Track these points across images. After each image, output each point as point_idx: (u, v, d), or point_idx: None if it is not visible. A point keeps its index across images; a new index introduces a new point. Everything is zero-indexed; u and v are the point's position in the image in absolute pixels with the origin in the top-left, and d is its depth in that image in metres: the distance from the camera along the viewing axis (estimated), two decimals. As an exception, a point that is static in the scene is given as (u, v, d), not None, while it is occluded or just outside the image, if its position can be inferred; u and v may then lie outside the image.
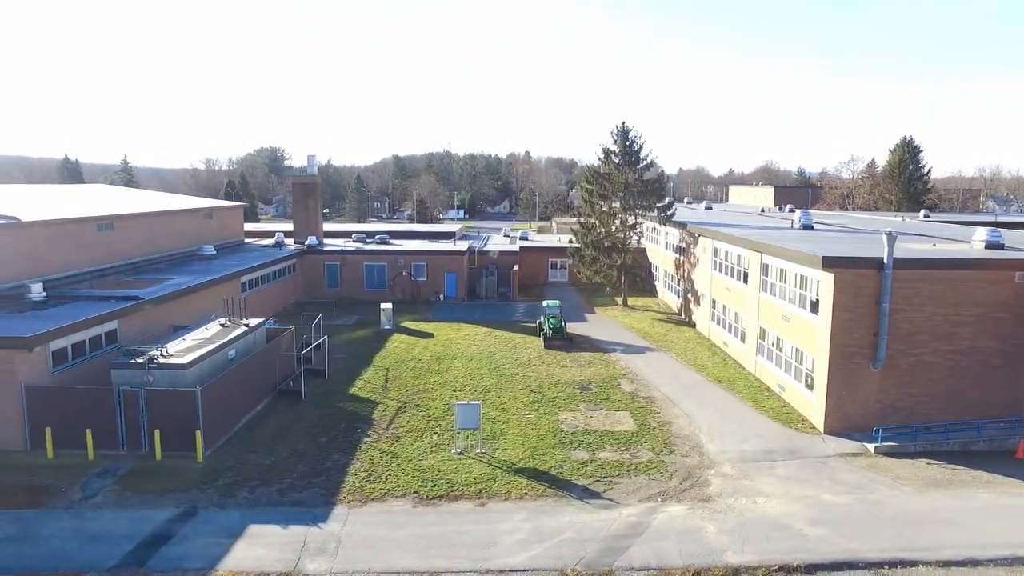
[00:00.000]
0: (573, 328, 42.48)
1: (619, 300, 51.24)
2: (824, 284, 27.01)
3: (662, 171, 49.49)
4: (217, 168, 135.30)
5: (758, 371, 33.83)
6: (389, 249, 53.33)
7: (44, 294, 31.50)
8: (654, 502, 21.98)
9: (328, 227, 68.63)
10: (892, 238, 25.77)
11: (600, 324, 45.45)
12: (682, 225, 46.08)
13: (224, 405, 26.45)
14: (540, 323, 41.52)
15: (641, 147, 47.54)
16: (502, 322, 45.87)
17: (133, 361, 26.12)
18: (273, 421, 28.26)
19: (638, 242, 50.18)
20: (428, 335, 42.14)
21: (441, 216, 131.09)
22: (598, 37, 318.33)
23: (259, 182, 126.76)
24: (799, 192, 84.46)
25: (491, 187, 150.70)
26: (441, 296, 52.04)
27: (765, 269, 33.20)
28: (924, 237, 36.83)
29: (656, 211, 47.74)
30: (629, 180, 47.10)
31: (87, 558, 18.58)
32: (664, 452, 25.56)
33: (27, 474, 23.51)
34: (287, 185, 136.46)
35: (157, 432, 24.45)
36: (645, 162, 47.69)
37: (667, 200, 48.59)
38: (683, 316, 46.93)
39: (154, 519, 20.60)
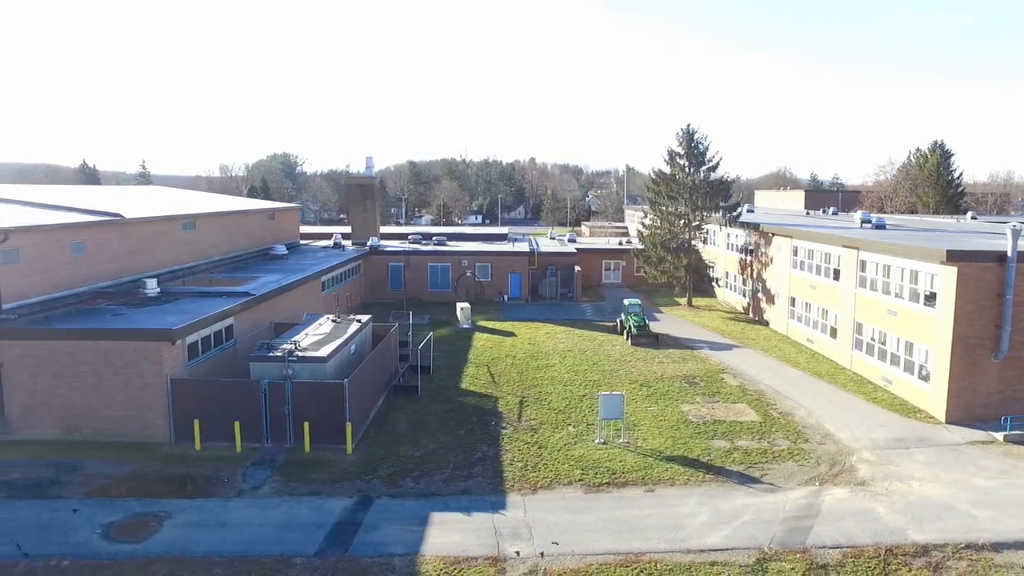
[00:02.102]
0: (649, 326, 43.04)
1: (681, 300, 51.95)
2: (944, 278, 27.77)
3: (728, 174, 50.18)
4: (232, 174, 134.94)
5: (854, 365, 34.53)
6: (453, 250, 53.69)
7: (158, 289, 31.60)
8: (813, 486, 22.50)
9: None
10: (1017, 233, 26.63)
11: (672, 323, 46.04)
12: (753, 226, 46.90)
13: (360, 398, 26.65)
14: (621, 321, 42.03)
15: (707, 149, 48.47)
16: (575, 321, 46.34)
17: (271, 354, 26.34)
18: (401, 415, 28.46)
19: (704, 243, 50.99)
20: (510, 334, 42.48)
21: (460, 221, 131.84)
22: (601, 43, 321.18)
23: (275, 188, 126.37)
24: (830, 196, 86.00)
25: (506, 193, 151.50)
26: (505, 296, 52.41)
27: (862, 265, 33.99)
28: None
29: (721, 212, 48.57)
30: (696, 181, 47.93)
31: (287, 544, 18.74)
32: (800, 440, 26.12)
33: (184, 465, 23.59)
34: (310, 190, 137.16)
35: (306, 424, 24.63)
36: (711, 163, 48.59)
37: (733, 201, 49.45)
38: (752, 315, 47.68)
39: (333, 508, 20.80)
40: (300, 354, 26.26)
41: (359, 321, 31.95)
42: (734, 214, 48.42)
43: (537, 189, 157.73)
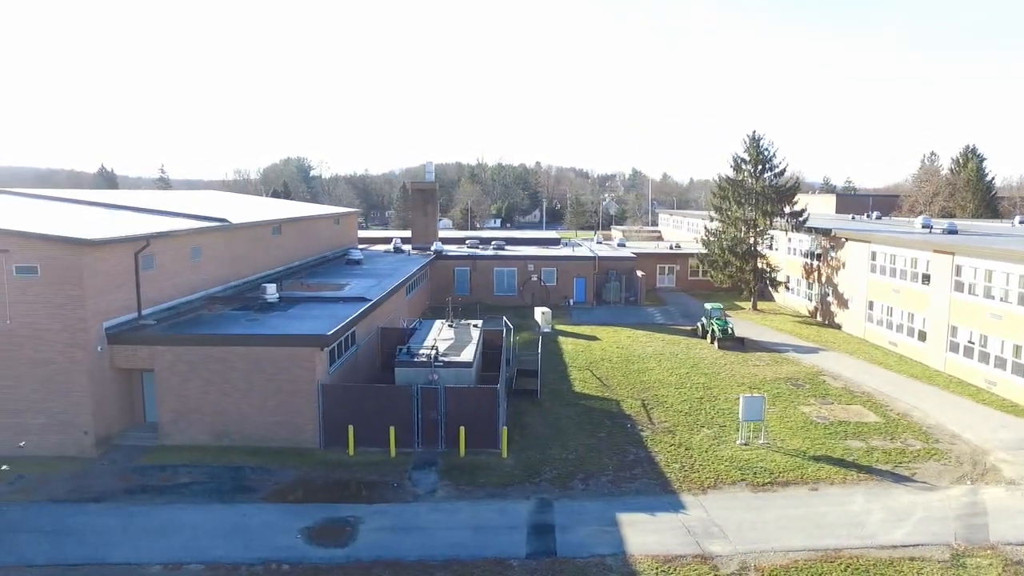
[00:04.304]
0: (722, 330, 43.74)
1: (744, 304, 52.81)
2: (1059, 281, 28.76)
3: (796, 178, 51.15)
4: (248, 178, 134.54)
5: (948, 367, 35.43)
6: (519, 254, 54.15)
7: (277, 295, 31.78)
8: (966, 484, 23.22)
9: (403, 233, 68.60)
10: None
11: (744, 326, 46.66)
12: (824, 231, 47.87)
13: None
14: (703, 324, 42.72)
15: (774, 154, 49.43)
16: (649, 325, 46.97)
17: (416, 359, 26.67)
18: (533, 419, 28.81)
19: (770, 247, 51.88)
20: (592, 338, 42.99)
21: (480, 225, 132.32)
22: (600, 44, 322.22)
23: (293, 192, 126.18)
24: (861, 200, 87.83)
25: (522, 197, 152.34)
26: (570, 300, 52.95)
27: (958, 270, 34.94)
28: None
29: (786, 217, 49.50)
30: (763, 187, 48.84)
31: (491, 547, 19.08)
32: (931, 441, 26.84)
33: (344, 470, 23.86)
34: (332, 194, 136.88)
35: (462, 429, 24.94)
36: (777, 169, 49.52)
37: (799, 207, 50.39)
38: (820, 319, 48.59)
39: (517, 510, 21.17)
40: (444, 359, 26.67)
41: (476, 326, 32.36)
42: (801, 219, 49.40)
43: (552, 193, 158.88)
